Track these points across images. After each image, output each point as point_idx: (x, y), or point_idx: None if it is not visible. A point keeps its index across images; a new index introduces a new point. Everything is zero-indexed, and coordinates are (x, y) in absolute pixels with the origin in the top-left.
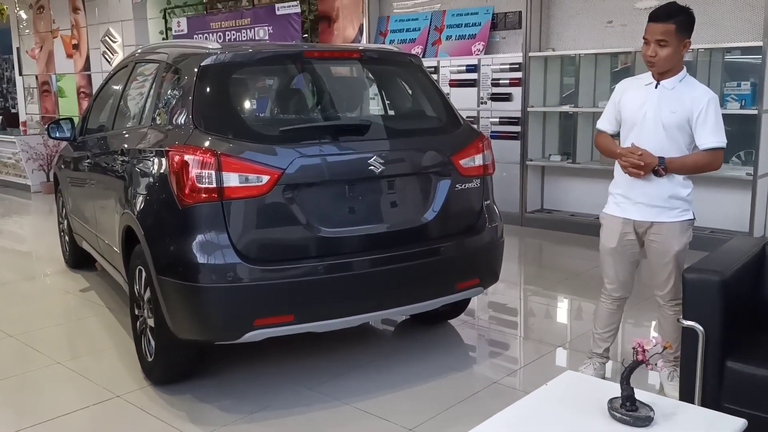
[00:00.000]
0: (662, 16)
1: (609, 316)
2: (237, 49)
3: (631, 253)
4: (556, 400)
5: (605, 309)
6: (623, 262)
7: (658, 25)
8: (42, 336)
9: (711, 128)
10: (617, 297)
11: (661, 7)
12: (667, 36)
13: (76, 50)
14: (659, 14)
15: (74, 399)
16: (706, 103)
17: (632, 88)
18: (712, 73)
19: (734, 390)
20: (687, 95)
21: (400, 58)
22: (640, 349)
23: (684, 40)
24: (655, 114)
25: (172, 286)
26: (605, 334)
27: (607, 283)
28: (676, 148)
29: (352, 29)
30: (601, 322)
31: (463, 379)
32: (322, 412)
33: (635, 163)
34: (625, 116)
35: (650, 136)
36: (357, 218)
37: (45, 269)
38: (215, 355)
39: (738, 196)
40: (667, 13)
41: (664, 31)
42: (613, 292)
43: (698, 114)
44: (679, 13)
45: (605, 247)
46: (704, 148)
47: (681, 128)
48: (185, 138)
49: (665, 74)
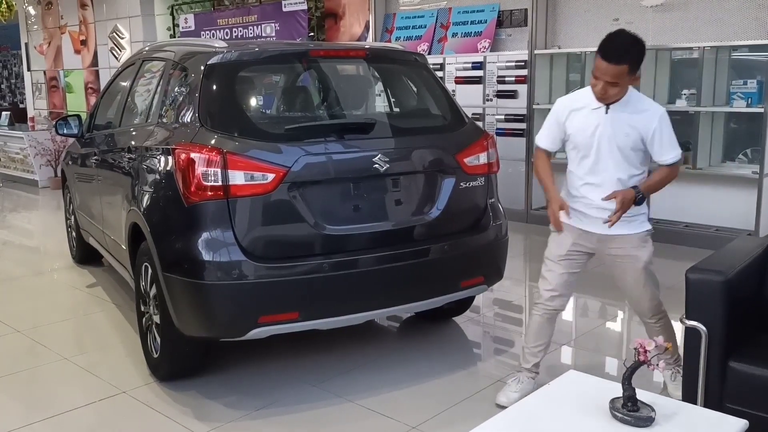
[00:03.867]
0: (614, 57)
1: (541, 329)
2: (243, 48)
3: (577, 263)
4: (558, 400)
5: (538, 321)
6: (568, 272)
7: (611, 67)
8: (49, 331)
9: (667, 145)
10: (553, 308)
11: (614, 46)
12: (618, 78)
13: (83, 46)
14: (611, 54)
15: (81, 394)
16: (658, 121)
17: (579, 112)
18: (719, 70)
19: (737, 390)
20: (637, 116)
21: (405, 57)
22: (641, 349)
23: (634, 76)
24: (609, 139)
25: (178, 283)
26: (536, 348)
27: (546, 291)
28: (632, 167)
29: (359, 26)
30: (533, 336)
31: (467, 377)
32: (327, 409)
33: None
34: (578, 142)
35: (607, 161)
36: (362, 216)
37: (52, 265)
38: (220, 352)
39: (744, 195)
40: (620, 55)
41: (615, 73)
42: (549, 302)
43: (652, 133)
44: (631, 52)
45: (554, 253)
46: (666, 164)
47: (635, 148)
48: (191, 136)
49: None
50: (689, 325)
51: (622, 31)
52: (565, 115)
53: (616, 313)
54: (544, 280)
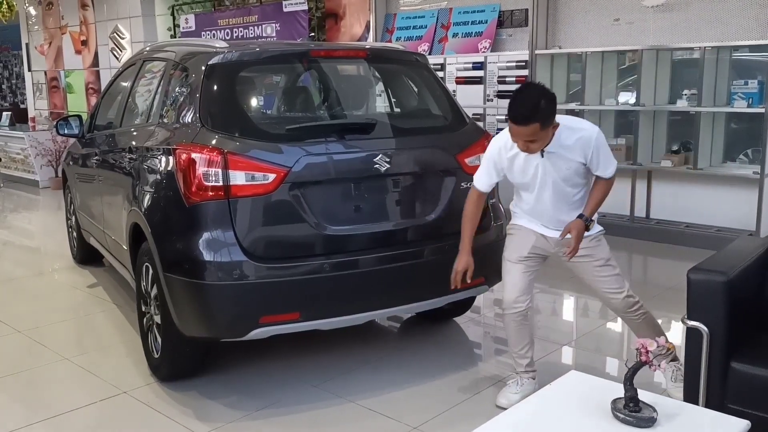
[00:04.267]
0: (522, 120)
1: (518, 332)
2: (244, 48)
3: (536, 264)
4: (559, 400)
5: (512, 326)
6: (528, 273)
7: (522, 128)
8: (50, 332)
9: (605, 160)
10: (520, 310)
11: (520, 108)
12: (533, 135)
13: (84, 46)
14: (518, 118)
15: (81, 395)
16: (594, 142)
17: (517, 157)
18: (719, 71)
19: (739, 391)
20: (573, 146)
21: (406, 57)
22: (643, 350)
23: (551, 126)
24: (552, 177)
25: (179, 283)
26: (521, 350)
27: (511, 294)
28: (575, 188)
29: (359, 26)
30: (514, 340)
31: (468, 377)
32: (328, 409)
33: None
34: (518, 182)
35: (550, 194)
36: (363, 216)
37: (53, 265)
38: (221, 352)
39: (744, 195)
40: (526, 117)
41: (528, 132)
42: (515, 305)
43: (591, 155)
44: (538, 111)
45: (513, 256)
46: (606, 178)
47: (578, 172)
48: (192, 136)
49: None
50: (691, 325)
51: (526, 89)
52: (503, 162)
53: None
54: (506, 284)
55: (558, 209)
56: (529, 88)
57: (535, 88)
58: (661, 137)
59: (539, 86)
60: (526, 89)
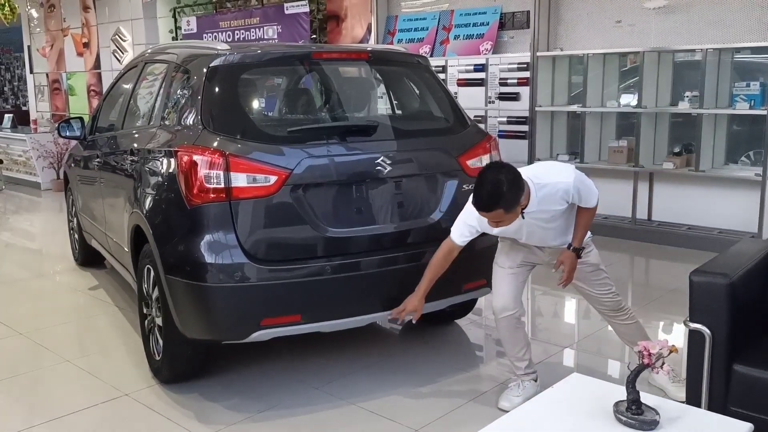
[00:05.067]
0: (484, 208)
1: (513, 336)
2: (245, 50)
3: (527, 271)
4: (561, 403)
5: (506, 331)
6: (519, 279)
7: (487, 214)
8: (51, 334)
9: (587, 195)
10: (513, 314)
11: (482, 196)
12: (499, 217)
13: (86, 48)
14: (480, 206)
15: (83, 397)
16: (573, 190)
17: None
18: (721, 73)
19: (741, 393)
20: (552, 200)
21: (407, 59)
22: (645, 352)
23: (519, 206)
24: (538, 225)
25: (180, 285)
26: (518, 353)
27: (501, 301)
28: (562, 218)
29: (361, 29)
30: (509, 345)
31: (470, 380)
32: (329, 411)
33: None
34: (504, 237)
35: (539, 235)
36: (364, 218)
37: (54, 267)
38: (223, 354)
39: (746, 197)
40: (488, 205)
41: (495, 216)
42: (507, 311)
43: (572, 198)
44: (500, 198)
45: (505, 263)
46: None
47: (562, 213)
48: (194, 138)
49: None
50: (693, 327)
51: (488, 173)
52: (483, 224)
53: None
54: (497, 291)
55: (546, 239)
56: (491, 172)
57: (496, 173)
58: (662, 139)
59: (501, 170)
60: (487, 174)
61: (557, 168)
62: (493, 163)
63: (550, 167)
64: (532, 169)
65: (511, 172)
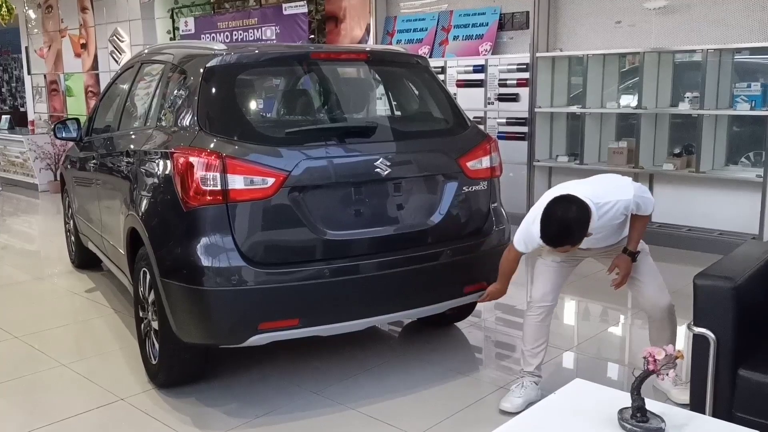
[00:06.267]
0: (554, 244)
1: (538, 329)
2: (243, 51)
3: (571, 267)
4: (564, 410)
5: (534, 321)
6: (562, 274)
7: (557, 249)
8: (47, 337)
9: (644, 205)
10: (546, 305)
11: (552, 233)
12: (567, 250)
13: (84, 49)
14: (551, 242)
15: (78, 402)
16: (635, 204)
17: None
18: (722, 73)
19: (747, 399)
20: (614, 216)
21: (406, 59)
22: (651, 359)
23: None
24: (598, 237)
25: (176, 289)
26: (536, 349)
27: (540, 291)
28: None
29: (359, 29)
30: (531, 337)
31: (470, 384)
32: (328, 416)
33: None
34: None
35: (587, 245)
36: (363, 221)
37: (51, 269)
38: (220, 359)
39: (747, 198)
40: (559, 241)
41: (565, 251)
42: (542, 301)
43: (632, 211)
44: (570, 236)
45: (548, 259)
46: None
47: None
48: (190, 140)
49: None
50: (698, 332)
51: (557, 210)
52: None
53: (618, 318)
54: (538, 281)
55: (597, 244)
56: (558, 209)
57: (564, 210)
58: (663, 140)
59: (569, 208)
60: (555, 211)
61: (616, 183)
62: (561, 197)
63: (609, 184)
64: (591, 187)
65: (579, 208)
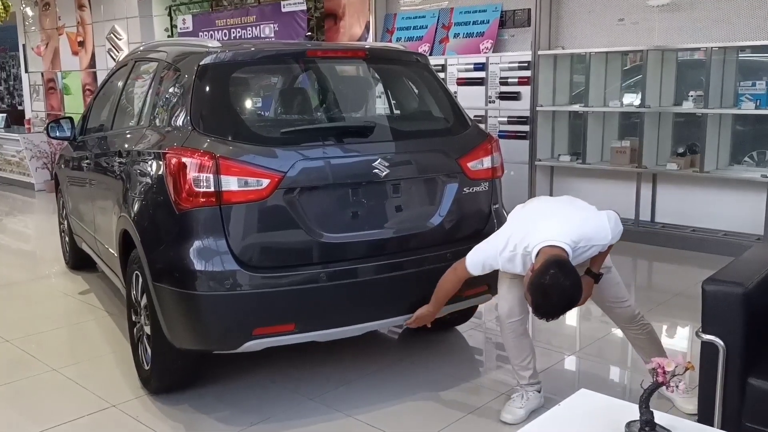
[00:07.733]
0: (557, 316)
1: (518, 344)
2: (237, 48)
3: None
4: (570, 421)
5: (511, 339)
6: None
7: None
8: (39, 341)
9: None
10: (517, 319)
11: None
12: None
13: (81, 47)
14: (553, 317)
15: (69, 408)
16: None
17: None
18: (726, 72)
19: (756, 409)
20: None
21: (406, 57)
22: (660, 370)
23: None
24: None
25: (169, 293)
26: (523, 362)
27: (508, 310)
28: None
29: (359, 27)
30: (514, 353)
31: (471, 390)
32: (325, 424)
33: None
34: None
35: None
36: (361, 223)
37: (45, 270)
38: (214, 364)
39: (752, 198)
40: (562, 313)
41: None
42: (511, 317)
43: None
44: (571, 304)
45: (508, 275)
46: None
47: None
48: (183, 140)
49: None
50: (706, 339)
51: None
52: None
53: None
54: (503, 298)
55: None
56: (554, 281)
57: (560, 280)
58: (666, 139)
59: (563, 277)
60: (551, 285)
61: (596, 227)
62: (549, 267)
63: (588, 228)
64: (573, 233)
65: (570, 273)
